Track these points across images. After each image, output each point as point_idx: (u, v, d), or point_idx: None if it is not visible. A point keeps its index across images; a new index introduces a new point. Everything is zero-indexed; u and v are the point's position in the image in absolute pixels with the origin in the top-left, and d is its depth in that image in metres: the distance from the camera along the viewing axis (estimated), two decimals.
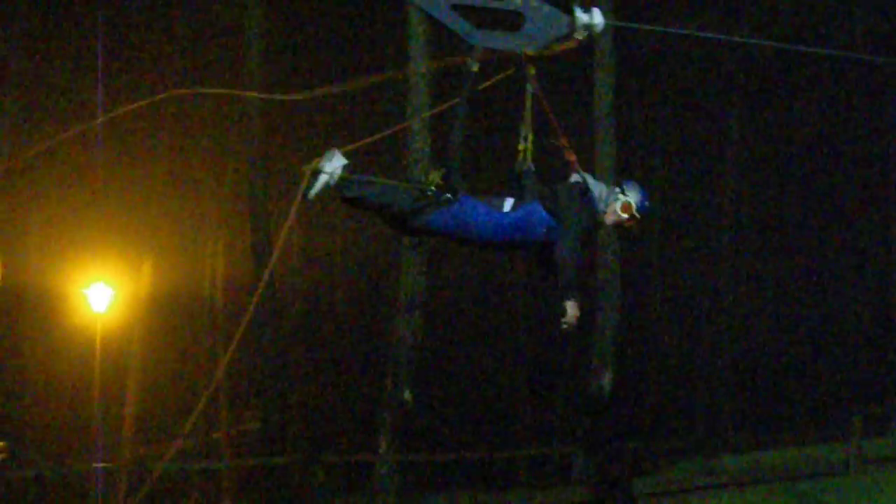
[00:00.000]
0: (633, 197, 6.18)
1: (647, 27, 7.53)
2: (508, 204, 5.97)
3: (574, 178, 6.19)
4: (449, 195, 5.91)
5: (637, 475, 15.56)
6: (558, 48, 6.05)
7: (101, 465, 20.42)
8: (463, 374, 24.54)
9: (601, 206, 6.17)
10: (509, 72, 6.13)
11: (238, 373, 24.10)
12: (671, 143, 27.70)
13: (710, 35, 20.69)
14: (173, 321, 24.36)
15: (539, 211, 5.99)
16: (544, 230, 5.99)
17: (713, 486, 15.34)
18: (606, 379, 18.42)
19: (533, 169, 6.11)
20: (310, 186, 5.76)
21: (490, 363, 25.40)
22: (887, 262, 29.07)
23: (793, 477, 15.33)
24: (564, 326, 6.04)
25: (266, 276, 14.49)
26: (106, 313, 20.29)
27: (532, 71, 6.07)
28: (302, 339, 22.69)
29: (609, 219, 6.19)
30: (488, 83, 6.10)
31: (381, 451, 16.17)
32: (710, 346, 26.94)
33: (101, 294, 20.17)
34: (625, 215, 6.19)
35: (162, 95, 6.13)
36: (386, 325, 17.46)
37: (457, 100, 6.12)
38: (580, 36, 5.91)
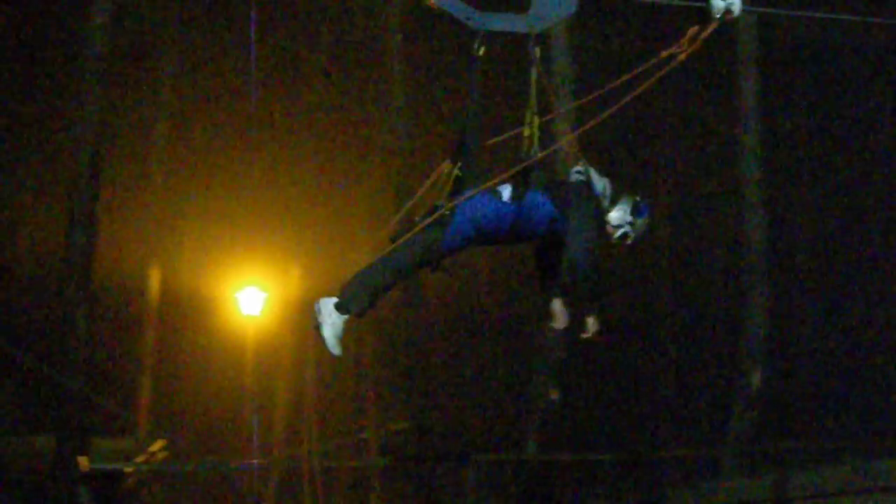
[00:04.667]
0: (639, 227, 5.79)
1: (791, 13, 7.30)
2: (507, 192, 5.62)
3: (576, 169, 5.81)
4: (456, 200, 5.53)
5: (789, 475, 15.25)
6: (703, 32, 5.68)
7: (255, 461, 21.05)
8: (610, 372, 24.39)
9: (604, 203, 5.72)
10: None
11: (387, 374, 24.44)
12: (820, 139, 26.97)
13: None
14: None
15: (544, 202, 5.61)
16: (548, 222, 5.61)
17: (867, 489, 14.92)
18: (756, 377, 18.12)
19: (539, 156, 5.74)
20: (329, 344, 5.48)
21: (637, 361, 25.16)
22: None
23: None
24: (584, 336, 5.65)
25: None
26: (258, 316, 20.84)
27: (538, 52, 5.76)
28: (449, 338, 22.89)
29: (606, 231, 5.76)
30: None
31: (529, 450, 16.27)
32: (866, 344, 26.13)
33: (253, 297, 20.73)
34: (618, 241, 5.82)
35: None
36: (533, 324, 17.50)
37: (468, 88, 5.79)
38: (717, 16, 5.60)
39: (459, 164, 5.75)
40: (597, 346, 22.90)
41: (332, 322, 5.49)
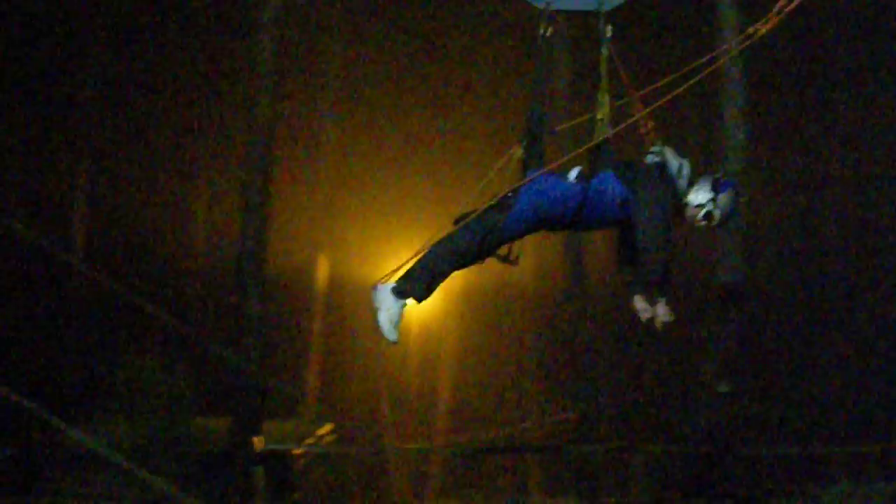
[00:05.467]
0: (723, 204, 5.45)
1: None
2: (573, 173, 5.44)
3: (652, 149, 5.58)
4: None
5: None
6: (790, 5, 5.40)
7: (418, 446, 21.34)
8: (782, 365, 23.78)
9: (681, 183, 5.42)
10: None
11: (551, 362, 24.41)
12: None
13: None
14: (485, 310, 24.99)
15: (612, 181, 5.36)
16: (618, 203, 5.34)
17: None
18: None
19: (611, 136, 5.56)
20: (384, 330, 5.43)
21: (810, 352, 24.44)
22: None
23: None
24: (658, 325, 5.45)
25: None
26: (420, 303, 21.03)
27: (609, 31, 5.60)
28: (614, 326, 22.69)
29: (688, 213, 5.49)
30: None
31: (696, 442, 15.99)
32: None
33: None
34: (703, 222, 5.49)
35: None
36: (701, 314, 17.18)
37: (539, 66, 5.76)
38: None
39: (524, 146, 5.63)
40: (768, 337, 22.52)
41: (387, 307, 5.41)
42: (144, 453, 14.41)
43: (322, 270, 23.87)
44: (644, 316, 5.53)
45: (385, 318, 5.43)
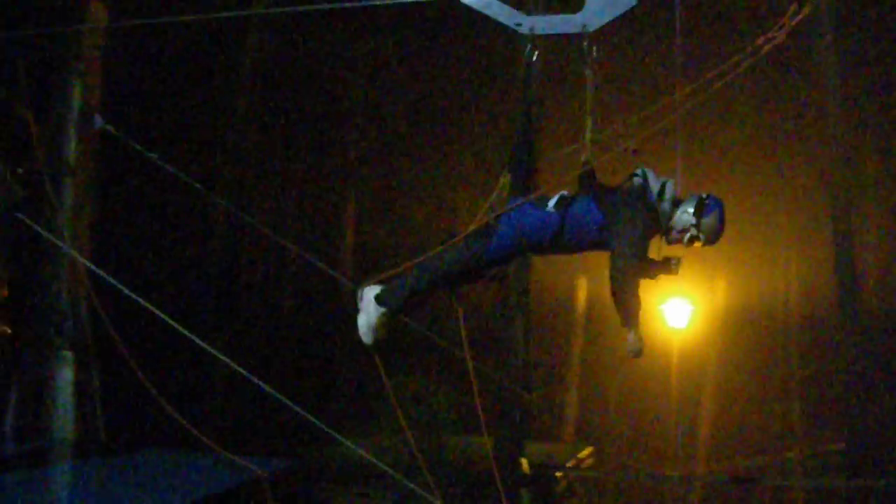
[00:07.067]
0: (706, 231, 5.43)
1: None
2: (553, 200, 5.41)
3: (634, 172, 5.43)
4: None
5: None
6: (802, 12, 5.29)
7: (678, 473, 21.01)
8: None
9: (664, 205, 5.37)
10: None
11: (819, 387, 23.55)
12: None
13: None
14: (749, 336, 24.36)
15: (591, 209, 5.35)
16: (597, 229, 5.34)
17: None
18: None
19: (592, 163, 5.49)
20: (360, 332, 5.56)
21: None
22: None
23: None
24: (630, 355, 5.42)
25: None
26: (684, 328, 20.75)
27: (594, 52, 5.43)
28: (891, 350, 21.61)
29: (671, 236, 5.47)
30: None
31: None
32: None
33: (678, 309, 20.67)
34: (689, 244, 5.43)
35: None
36: None
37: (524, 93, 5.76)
38: None
39: (509, 172, 5.65)
40: None
41: (368, 311, 5.57)
42: (410, 469, 14.80)
43: (581, 293, 23.96)
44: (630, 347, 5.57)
45: (363, 321, 5.62)
